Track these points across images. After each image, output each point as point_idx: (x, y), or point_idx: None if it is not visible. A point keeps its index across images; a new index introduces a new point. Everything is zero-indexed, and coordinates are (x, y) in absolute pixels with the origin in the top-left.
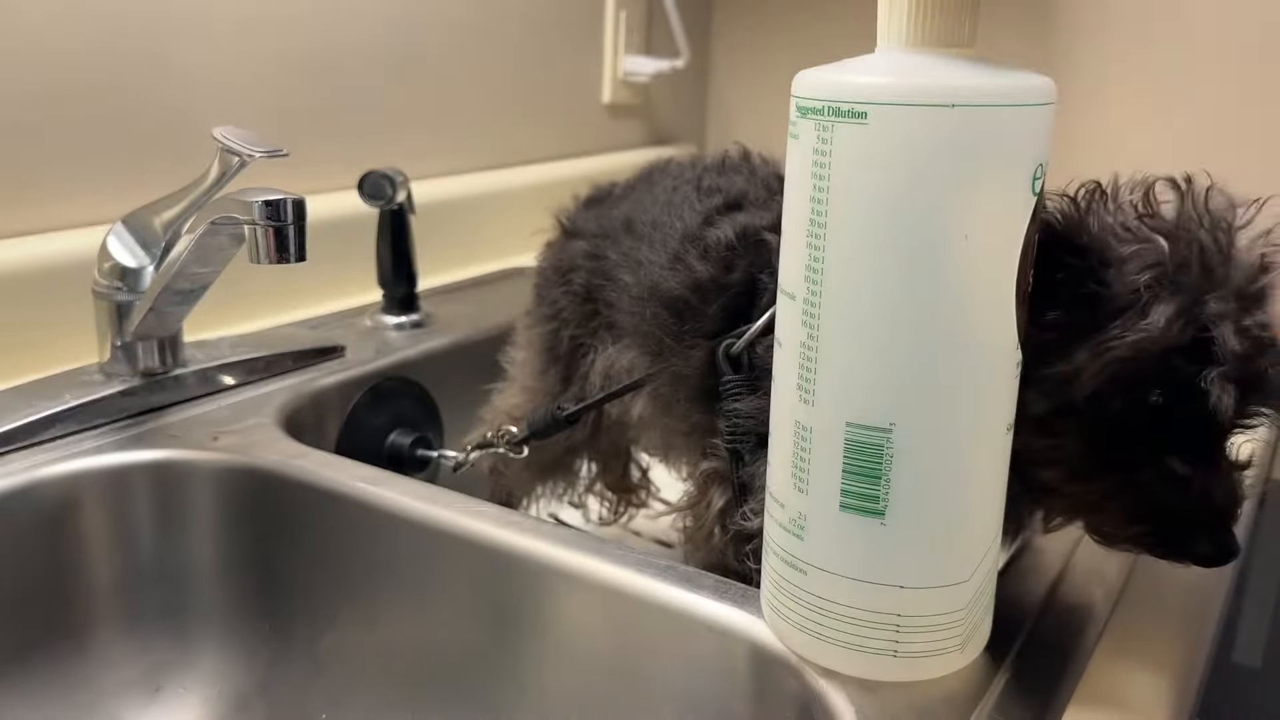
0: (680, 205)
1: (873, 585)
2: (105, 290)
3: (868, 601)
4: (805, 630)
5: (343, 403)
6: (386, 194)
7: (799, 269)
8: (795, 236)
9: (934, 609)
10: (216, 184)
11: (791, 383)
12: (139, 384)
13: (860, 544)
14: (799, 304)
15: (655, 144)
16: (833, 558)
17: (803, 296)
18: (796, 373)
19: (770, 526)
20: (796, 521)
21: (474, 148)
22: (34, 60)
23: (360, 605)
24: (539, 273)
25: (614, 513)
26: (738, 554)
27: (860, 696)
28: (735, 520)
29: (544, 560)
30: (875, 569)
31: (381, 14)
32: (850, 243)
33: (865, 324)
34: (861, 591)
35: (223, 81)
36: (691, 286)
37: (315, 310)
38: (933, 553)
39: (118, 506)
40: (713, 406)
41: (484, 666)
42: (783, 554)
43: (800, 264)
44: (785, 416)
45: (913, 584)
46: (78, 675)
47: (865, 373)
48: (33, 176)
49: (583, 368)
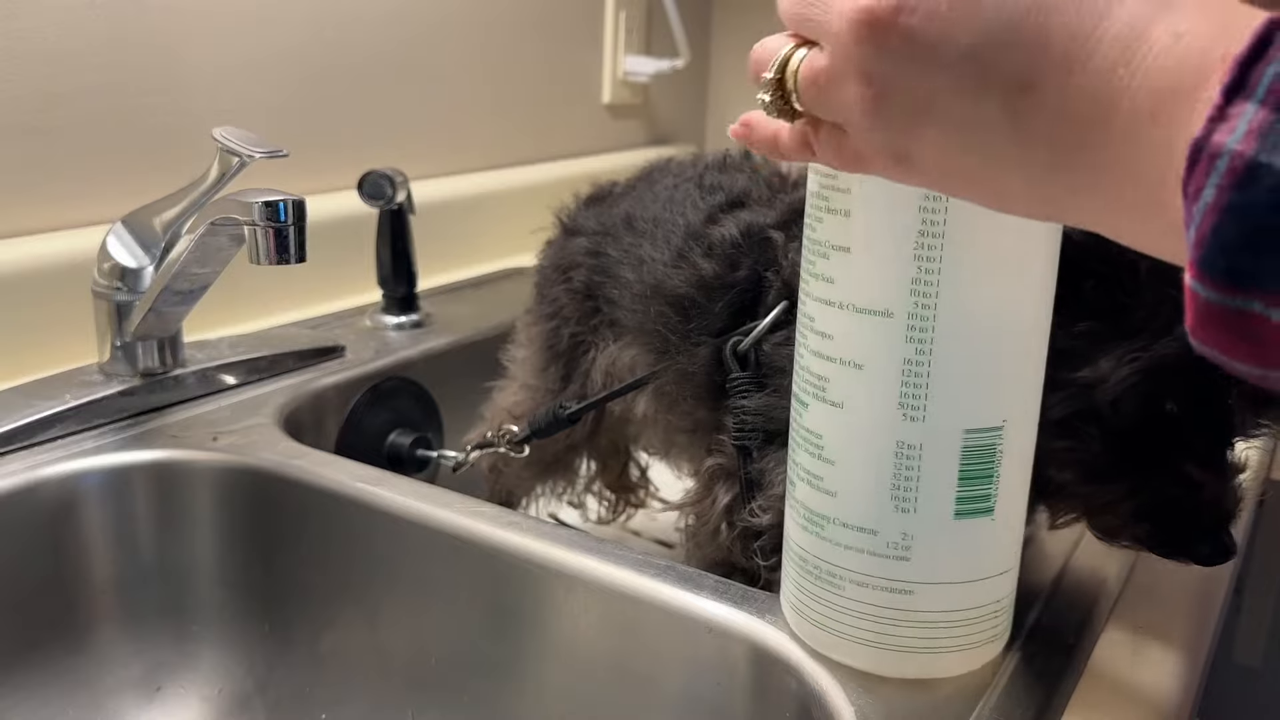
0: (682, 202)
1: (983, 581)
2: (105, 290)
3: (978, 598)
4: (915, 651)
5: (342, 403)
6: (386, 194)
7: (898, 285)
8: (887, 251)
9: (1010, 587)
10: (216, 184)
11: (887, 404)
12: (139, 384)
13: (973, 546)
14: (899, 322)
15: (655, 144)
16: (947, 568)
17: (906, 313)
18: (896, 392)
19: (849, 559)
20: (898, 544)
21: (474, 148)
22: (34, 61)
23: (360, 605)
24: (539, 271)
25: (613, 512)
26: (745, 550)
27: (860, 696)
28: (742, 516)
29: (543, 560)
30: (985, 564)
31: (381, 14)
32: (976, 254)
33: (987, 332)
34: (973, 591)
35: (223, 81)
36: (697, 284)
37: (315, 310)
38: (1016, 533)
39: (118, 506)
40: (717, 404)
41: (484, 667)
42: (879, 582)
43: (901, 279)
44: (878, 439)
45: (1009, 566)
46: (78, 675)
47: (983, 378)
48: (33, 177)
49: (583, 365)
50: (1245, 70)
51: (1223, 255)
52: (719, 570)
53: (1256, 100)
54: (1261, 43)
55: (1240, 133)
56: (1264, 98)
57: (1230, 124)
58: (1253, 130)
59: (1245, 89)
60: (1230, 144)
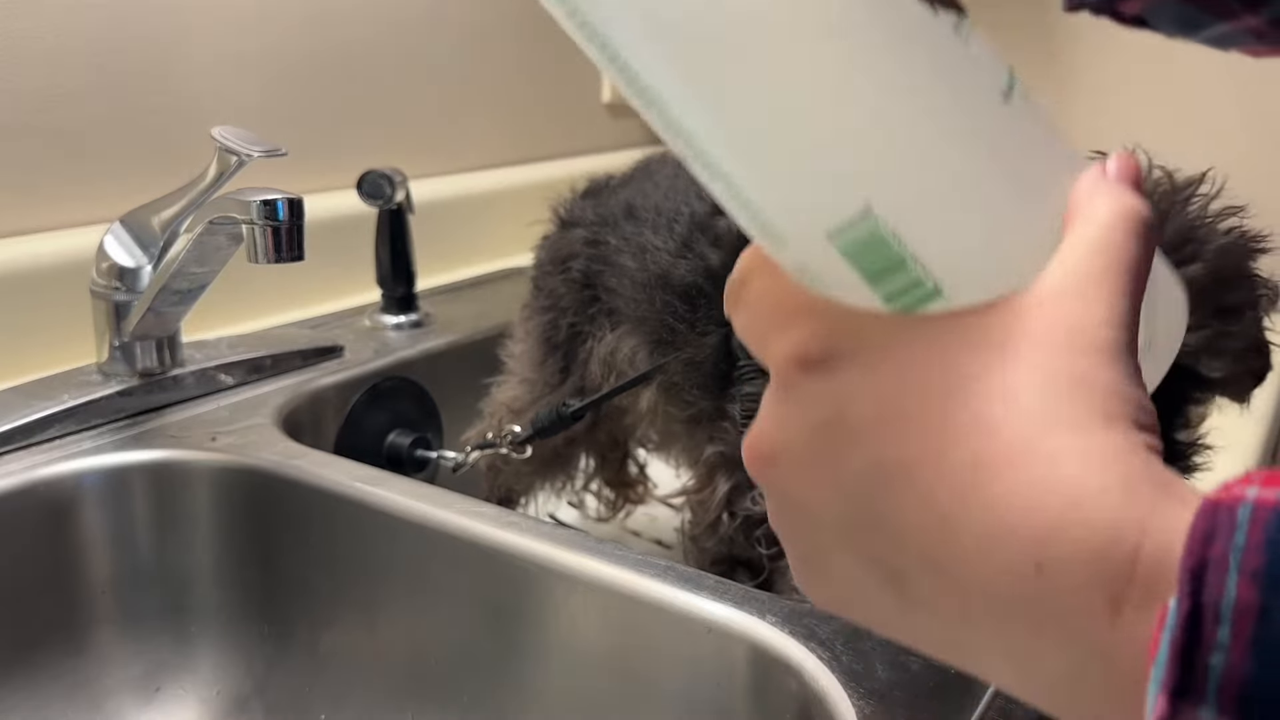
0: (685, 191)
1: None
2: (103, 290)
3: None
4: None
5: (341, 403)
6: (385, 194)
7: None
8: None
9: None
10: (215, 184)
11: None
12: (137, 384)
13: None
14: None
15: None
16: None
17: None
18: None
19: None
20: None
21: (474, 147)
22: (33, 60)
23: (359, 605)
24: (536, 265)
25: (612, 508)
26: (747, 539)
27: (860, 696)
28: (744, 505)
29: (543, 560)
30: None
31: (381, 14)
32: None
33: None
34: None
35: (222, 81)
36: (704, 274)
37: (314, 310)
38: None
39: (116, 506)
40: (722, 393)
41: (483, 667)
42: None
43: None
44: None
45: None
46: (77, 675)
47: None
48: (31, 176)
49: (581, 355)
50: (1186, 663)
51: None
52: (720, 567)
53: (1211, 706)
54: (1192, 620)
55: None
56: (1219, 703)
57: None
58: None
59: (1192, 691)
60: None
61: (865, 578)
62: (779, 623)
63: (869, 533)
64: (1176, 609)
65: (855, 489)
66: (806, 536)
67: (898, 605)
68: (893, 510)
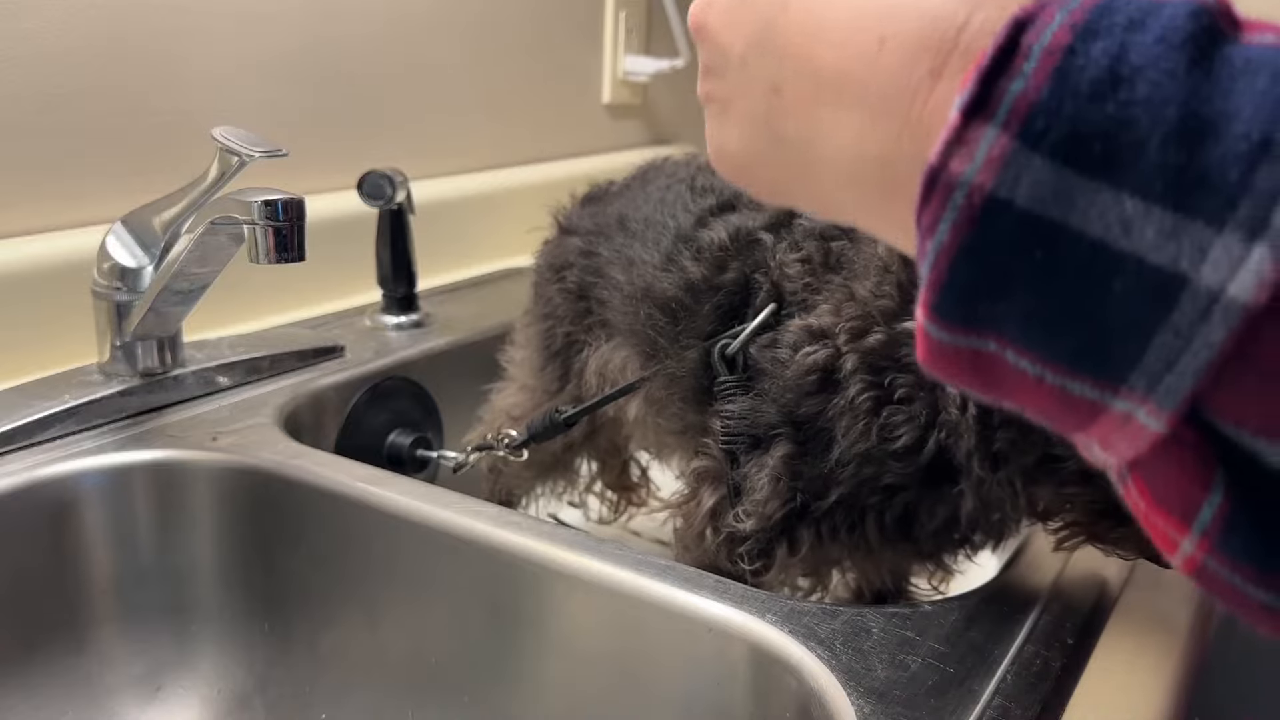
0: (673, 204)
1: None
2: (104, 290)
3: None
4: None
5: (342, 403)
6: (386, 194)
7: None
8: None
9: None
10: (216, 184)
11: None
12: (138, 384)
13: None
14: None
15: (655, 144)
16: None
17: None
18: None
19: None
20: None
21: (474, 148)
22: (33, 61)
23: (360, 605)
24: (536, 270)
25: (614, 511)
26: (730, 555)
27: (859, 695)
28: (727, 522)
29: (543, 560)
30: None
31: (381, 14)
32: None
33: None
34: None
35: (223, 81)
36: (685, 287)
37: (315, 310)
38: None
39: (117, 506)
40: (705, 407)
41: (483, 666)
42: None
43: None
44: None
45: None
46: (78, 674)
47: None
48: (32, 176)
49: (577, 365)
50: (987, 86)
51: (959, 303)
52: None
53: (997, 123)
54: (1004, 52)
55: (979, 161)
56: (1005, 120)
57: (969, 150)
58: (992, 159)
59: (986, 109)
60: (968, 174)
61: (757, 132)
62: (778, 622)
63: (762, 57)
64: (991, 50)
65: (761, 13)
66: (720, 86)
67: (780, 154)
68: (783, 26)
